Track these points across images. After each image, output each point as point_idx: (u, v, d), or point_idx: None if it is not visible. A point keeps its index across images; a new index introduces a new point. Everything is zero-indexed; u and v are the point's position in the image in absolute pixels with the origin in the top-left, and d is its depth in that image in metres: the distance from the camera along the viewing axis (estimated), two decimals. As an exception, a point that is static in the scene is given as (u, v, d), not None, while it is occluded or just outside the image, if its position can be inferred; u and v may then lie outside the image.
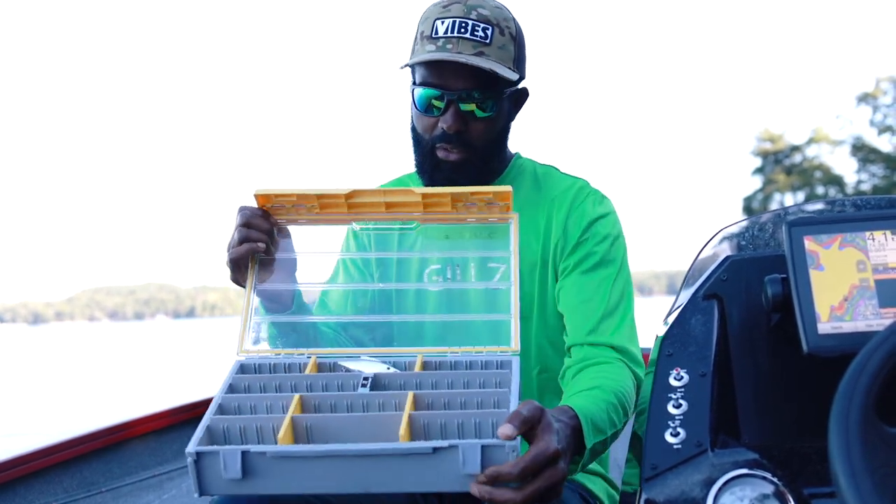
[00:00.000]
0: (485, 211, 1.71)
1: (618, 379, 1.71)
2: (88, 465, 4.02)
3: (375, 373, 1.52)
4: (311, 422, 1.37)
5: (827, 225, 1.45)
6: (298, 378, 1.53)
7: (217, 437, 1.39)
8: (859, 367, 1.11)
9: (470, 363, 1.58)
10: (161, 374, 25.13)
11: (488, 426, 1.37)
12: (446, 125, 1.86)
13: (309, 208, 1.71)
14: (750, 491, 1.31)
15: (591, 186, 2.01)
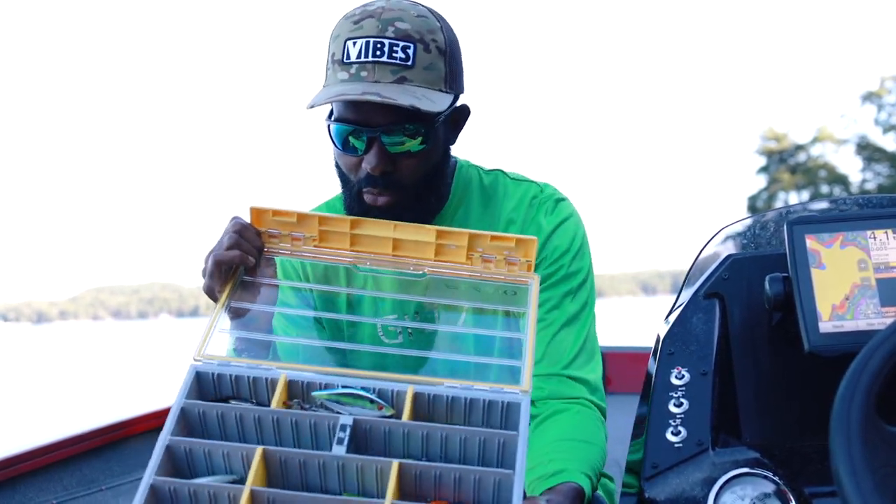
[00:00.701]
0: (503, 268, 1.48)
1: (593, 430, 1.62)
2: (88, 463, 4.02)
3: (355, 418, 1.26)
4: (275, 499, 1.16)
5: (828, 224, 1.45)
6: (263, 413, 1.27)
7: (162, 501, 1.19)
8: (860, 366, 1.11)
9: (470, 402, 1.30)
10: (164, 373, 25.15)
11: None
12: (370, 166, 1.60)
13: (307, 239, 1.52)
14: (751, 490, 1.31)
15: (542, 191, 1.81)
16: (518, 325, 1.56)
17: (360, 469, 1.20)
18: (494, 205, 1.79)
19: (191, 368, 1.34)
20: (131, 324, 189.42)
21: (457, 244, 1.49)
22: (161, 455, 1.22)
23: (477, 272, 1.49)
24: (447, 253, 1.50)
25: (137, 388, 19.61)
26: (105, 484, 3.95)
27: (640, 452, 1.46)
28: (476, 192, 1.81)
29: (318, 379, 1.32)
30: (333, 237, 1.53)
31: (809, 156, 43.58)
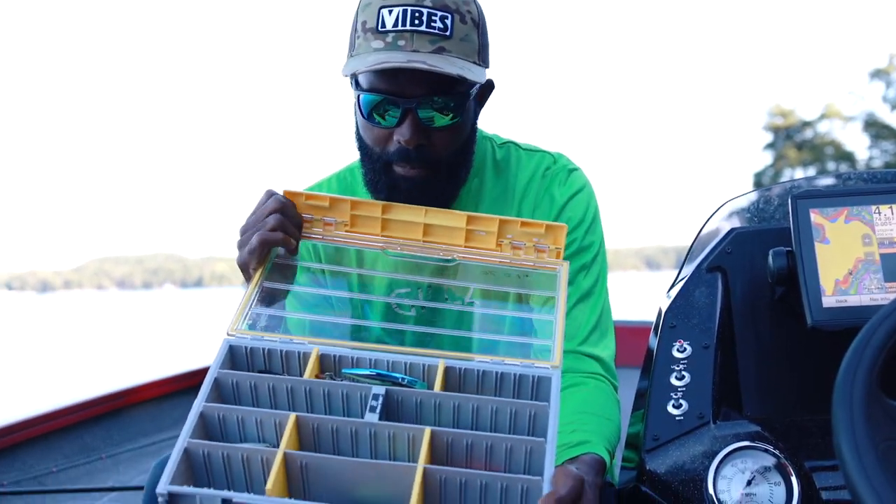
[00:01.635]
0: (532, 255, 1.48)
1: (611, 406, 1.61)
2: (89, 432, 4.04)
3: (388, 388, 1.26)
4: (307, 462, 1.15)
5: (833, 198, 1.44)
6: (296, 382, 1.28)
7: (197, 465, 1.19)
8: (864, 341, 1.10)
9: (501, 375, 1.31)
10: (167, 343, 25.22)
11: (516, 494, 1.14)
12: (404, 139, 1.55)
13: (338, 224, 1.53)
14: (751, 463, 1.30)
15: (554, 161, 1.79)
16: (528, 307, 1.54)
17: (392, 436, 1.20)
18: (507, 176, 1.78)
19: (224, 342, 1.34)
20: (135, 294, 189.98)
21: (486, 230, 1.50)
22: (195, 421, 1.22)
23: (506, 259, 1.49)
24: (477, 239, 1.51)
25: (140, 357, 19.69)
26: (105, 452, 3.97)
27: (641, 426, 1.46)
28: (490, 163, 1.79)
29: (350, 354, 1.33)
30: (364, 222, 1.53)
31: (816, 132, 43.44)
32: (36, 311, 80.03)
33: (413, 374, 1.32)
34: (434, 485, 1.14)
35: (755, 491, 1.29)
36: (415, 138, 1.55)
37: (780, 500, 1.28)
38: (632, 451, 1.50)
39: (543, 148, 1.82)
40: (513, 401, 1.25)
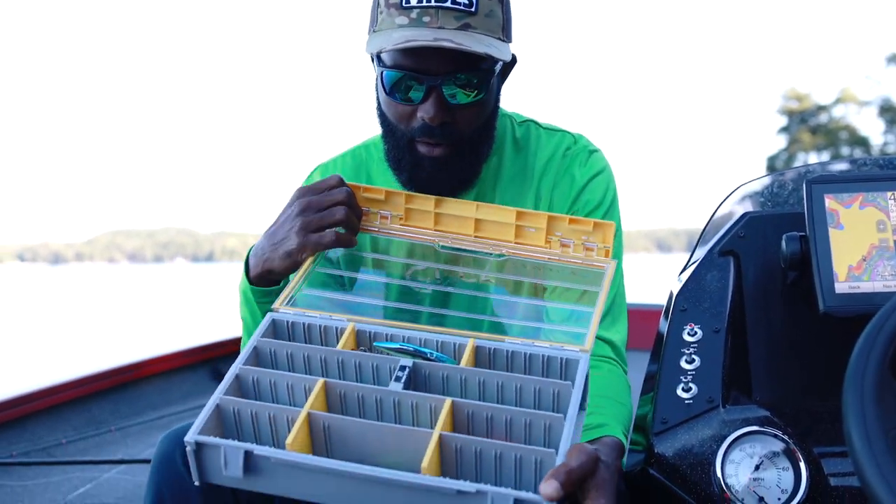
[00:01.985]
0: (580, 253, 1.51)
1: (625, 392, 1.61)
2: (97, 404, 4.07)
3: (415, 361, 1.31)
4: (329, 423, 1.20)
5: (848, 184, 1.43)
6: (329, 353, 1.34)
7: (227, 420, 1.26)
8: (877, 327, 1.10)
9: (530, 356, 1.33)
10: (177, 317, 25.31)
11: (531, 465, 1.15)
12: (428, 116, 1.55)
13: (393, 217, 1.58)
14: (760, 448, 1.30)
15: (575, 141, 1.79)
16: (567, 300, 1.56)
17: (415, 406, 1.24)
18: (526, 155, 1.77)
19: (268, 316, 1.41)
20: (146, 267, 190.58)
21: (535, 227, 1.52)
22: (230, 381, 1.29)
23: (555, 255, 1.52)
24: (526, 236, 1.54)
25: (150, 331, 19.76)
26: (114, 425, 4.00)
27: (650, 409, 1.46)
28: (509, 141, 1.78)
29: (384, 330, 1.38)
30: (418, 216, 1.58)
31: (831, 117, 43.23)
32: (47, 282, 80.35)
33: (444, 352, 1.35)
34: (450, 451, 1.16)
35: (763, 476, 1.29)
36: (439, 115, 1.55)
37: (787, 485, 1.27)
38: (640, 433, 1.50)
39: (564, 128, 1.81)
40: (536, 378, 1.27)
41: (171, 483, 1.49)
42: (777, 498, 1.27)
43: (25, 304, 39.37)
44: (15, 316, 30.25)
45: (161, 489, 1.50)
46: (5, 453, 3.47)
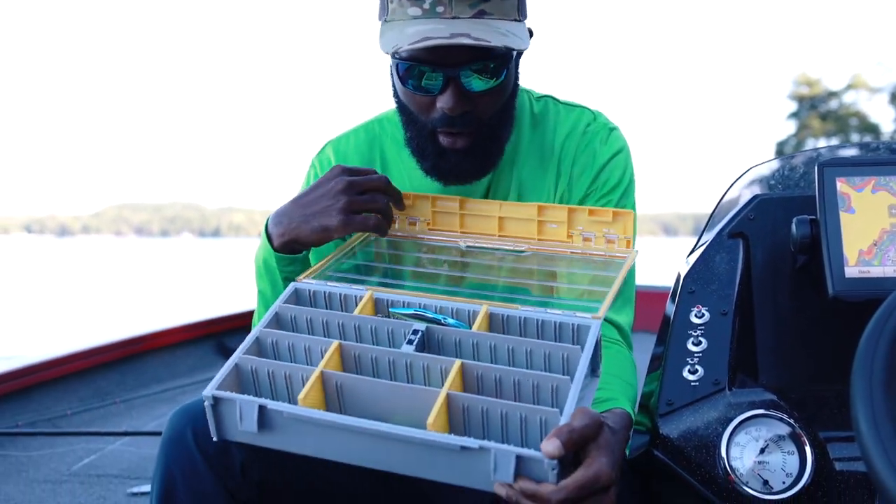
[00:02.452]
0: (602, 246, 1.54)
1: (632, 373, 1.61)
2: (104, 376, 4.09)
3: (428, 326, 1.35)
4: (342, 381, 1.25)
5: (860, 167, 1.42)
6: (347, 318, 1.38)
7: (244, 378, 1.31)
8: (886, 313, 1.09)
9: (542, 323, 1.36)
10: (183, 291, 25.34)
11: (536, 424, 1.18)
12: (447, 107, 1.52)
13: (421, 222, 1.63)
14: (765, 431, 1.30)
15: (595, 118, 1.76)
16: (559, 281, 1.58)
17: (426, 367, 1.28)
18: (545, 131, 1.75)
19: (291, 285, 1.48)
20: (153, 241, 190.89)
21: (557, 221, 1.57)
22: (251, 342, 1.34)
23: (577, 249, 1.55)
24: (548, 232, 1.58)
25: (156, 305, 19.79)
26: (119, 397, 4.02)
27: (655, 391, 1.45)
28: (527, 117, 1.76)
29: (401, 298, 1.43)
30: (444, 219, 1.64)
31: (842, 103, 43.08)
32: (54, 254, 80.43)
33: (459, 319, 1.39)
34: (457, 410, 1.20)
35: (768, 459, 1.28)
36: (459, 106, 1.52)
37: (793, 469, 1.27)
38: (645, 415, 1.50)
39: (583, 104, 1.79)
40: (547, 343, 1.30)
41: (180, 459, 1.49)
42: (782, 481, 1.27)
43: (32, 275, 39.43)
44: (21, 287, 30.30)
45: (170, 466, 1.50)
46: (11, 423, 3.49)
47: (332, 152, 1.82)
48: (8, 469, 3.06)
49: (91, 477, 2.95)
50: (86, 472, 3.02)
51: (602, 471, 1.15)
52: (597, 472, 1.14)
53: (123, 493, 2.75)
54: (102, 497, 2.71)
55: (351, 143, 1.82)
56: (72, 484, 2.87)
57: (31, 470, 3.05)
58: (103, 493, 2.75)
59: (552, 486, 1.11)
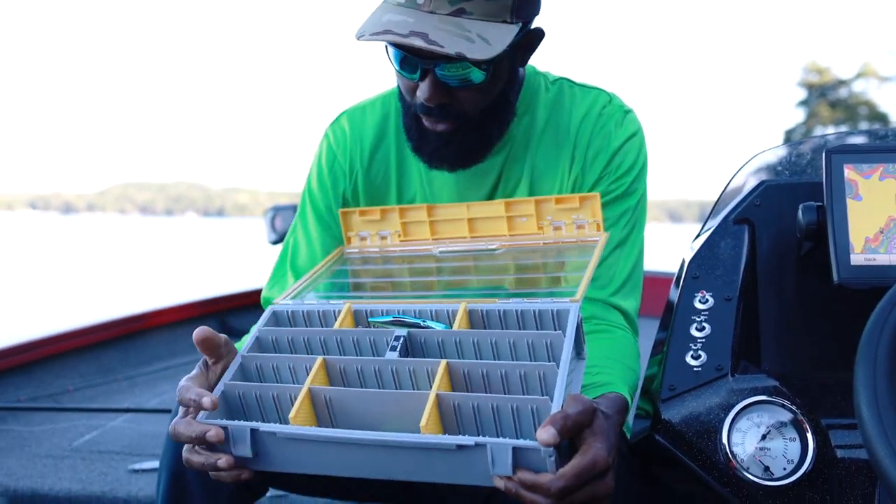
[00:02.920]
0: (573, 232, 1.54)
1: (634, 357, 1.60)
2: (105, 353, 4.10)
3: (410, 331, 1.33)
4: (331, 395, 1.23)
5: (869, 154, 1.41)
6: (328, 333, 1.37)
7: (233, 404, 1.29)
8: (891, 301, 1.09)
9: (522, 313, 1.35)
10: (187, 270, 25.40)
11: (528, 415, 1.17)
12: (424, 97, 1.51)
13: (392, 234, 1.63)
14: (767, 418, 1.30)
15: (610, 101, 1.74)
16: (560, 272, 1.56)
17: (413, 372, 1.27)
18: (560, 114, 1.73)
19: (269, 309, 1.47)
20: (157, 220, 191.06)
21: (525, 214, 1.57)
22: (234, 370, 1.32)
23: (550, 239, 1.55)
24: (519, 227, 1.59)
25: (159, 282, 19.83)
26: (121, 374, 4.03)
27: (657, 376, 1.45)
28: (542, 101, 1.74)
29: (379, 307, 1.42)
30: (415, 228, 1.65)
31: (851, 91, 42.94)
32: (58, 231, 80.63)
33: (438, 320, 1.37)
34: (448, 409, 1.19)
35: (770, 445, 1.28)
36: (434, 98, 1.51)
37: (794, 455, 1.27)
38: (647, 400, 1.49)
39: (598, 86, 1.78)
40: (529, 332, 1.29)
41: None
42: (783, 468, 1.27)
43: (36, 252, 39.52)
44: (25, 263, 30.39)
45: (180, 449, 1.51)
46: (12, 398, 3.50)
47: (346, 122, 1.81)
48: (10, 443, 3.07)
49: (93, 453, 2.96)
50: (87, 448, 3.02)
51: (599, 456, 1.14)
52: (593, 458, 1.13)
53: (125, 470, 2.75)
54: (104, 473, 2.72)
55: (367, 114, 1.80)
56: (73, 459, 2.88)
57: (33, 445, 3.06)
58: (105, 470, 2.76)
59: (550, 475, 1.10)
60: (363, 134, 1.78)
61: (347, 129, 1.79)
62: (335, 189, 1.77)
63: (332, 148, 1.79)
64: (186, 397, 1.24)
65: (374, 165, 1.76)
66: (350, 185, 1.76)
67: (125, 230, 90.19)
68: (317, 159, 1.82)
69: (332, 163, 1.78)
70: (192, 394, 1.23)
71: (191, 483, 1.50)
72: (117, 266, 28.93)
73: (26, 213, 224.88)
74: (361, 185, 1.76)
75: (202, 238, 66.46)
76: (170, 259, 34.01)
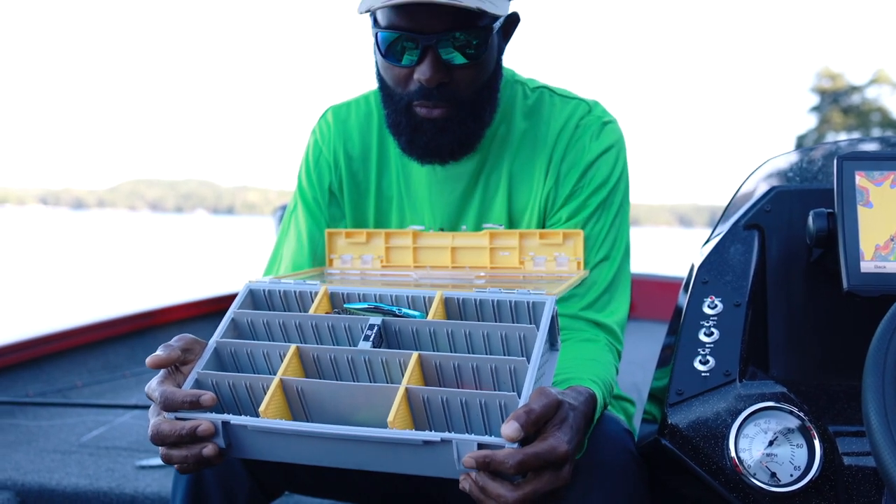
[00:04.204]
0: (554, 269, 1.57)
1: (603, 355, 1.57)
2: (113, 349, 4.11)
3: (384, 319, 1.33)
4: (302, 387, 1.24)
5: (880, 161, 1.41)
6: (303, 319, 1.36)
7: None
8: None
9: (498, 303, 1.36)
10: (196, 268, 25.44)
11: (496, 410, 1.18)
12: (424, 78, 1.51)
13: (374, 260, 1.65)
14: (775, 424, 1.30)
15: (589, 111, 1.72)
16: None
17: (386, 363, 1.27)
18: (538, 123, 1.72)
19: (245, 286, 1.45)
20: (167, 217, 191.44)
21: (509, 247, 1.60)
22: (209, 355, 1.32)
23: (531, 274, 1.57)
24: (501, 260, 1.61)
25: (168, 280, 19.88)
26: (129, 370, 4.03)
27: (665, 380, 1.45)
28: (519, 109, 1.73)
29: (356, 291, 1.41)
30: (397, 254, 1.66)
31: (864, 98, 42.84)
32: (69, 227, 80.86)
33: (415, 307, 1.38)
34: (418, 403, 1.20)
35: (777, 452, 1.28)
36: (436, 77, 1.52)
37: (801, 462, 1.27)
38: (654, 405, 1.49)
39: (579, 95, 1.76)
40: (503, 325, 1.29)
41: None
42: (790, 474, 1.27)
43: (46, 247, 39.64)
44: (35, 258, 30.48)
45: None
46: (21, 393, 3.51)
47: (332, 118, 1.82)
48: (18, 438, 3.08)
49: (100, 449, 2.96)
50: (95, 443, 3.03)
51: (559, 444, 1.14)
52: (552, 445, 1.13)
53: (132, 466, 2.76)
54: (111, 469, 2.73)
55: (352, 112, 1.82)
56: (81, 455, 2.89)
57: (41, 440, 3.07)
58: (111, 466, 2.76)
59: (509, 450, 1.10)
60: (347, 129, 1.79)
61: (332, 124, 1.81)
62: (321, 182, 1.79)
63: (318, 143, 1.81)
64: (178, 400, 1.23)
65: (356, 160, 1.78)
66: (336, 178, 1.78)
67: (135, 227, 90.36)
68: (305, 154, 1.84)
69: (318, 157, 1.80)
70: (185, 396, 1.23)
71: (209, 486, 1.52)
72: (127, 263, 29.00)
73: (37, 209, 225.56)
74: (345, 178, 1.77)
75: (211, 236, 66.58)
76: (179, 256, 34.07)
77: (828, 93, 43.44)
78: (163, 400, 1.23)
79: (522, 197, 1.69)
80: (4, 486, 2.56)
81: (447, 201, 1.72)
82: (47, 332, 3.78)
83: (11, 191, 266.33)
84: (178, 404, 1.23)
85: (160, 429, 1.22)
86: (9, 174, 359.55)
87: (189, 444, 1.22)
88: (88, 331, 3.98)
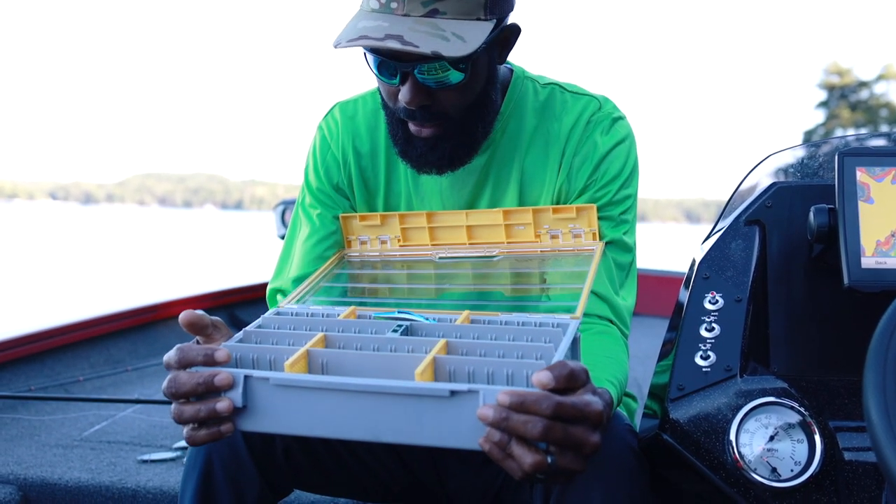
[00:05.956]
0: (570, 241, 1.58)
1: (617, 351, 1.56)
2: (116, 344, 4.12)
3: (412, 321, 1.34)
4: (328, 358, 1.23)
5: (882, 157, 1.40)
6: (331, 322, 1.37)
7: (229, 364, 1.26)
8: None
9: (522, 323, 1.36)
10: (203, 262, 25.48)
11: (522, 377, 1.16)
12: (405, 100, 1.51)
13: (392, 240, 1.66)
14: (775, 419, 1.29)
15: (600, 107, 1.72)
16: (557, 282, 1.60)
17: (410, 349, 1.27)
18: (550, 120, 1.72)
19: (271, 311, 1.47)
20: (176, 211, 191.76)
21: (524, 223, 1.62)
22: (238, 338, 1.33)
23: (546, 247, 1.59)
24: (516, 234, 1.63)
25: (175, 274, 19.91)
26: (131, 365, 4.04)
27: (666, 375, 1.44)
28: (530, 106, 1.73)
29: (383, 314, 1.42)
30: (414, 234, 1.69)
31: (872, 93, 42.73)
32: (78, 221, 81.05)
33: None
34: (444, 373, 1.19)
35: (777, 447, 1.28)
36: (416, 100, 1.51)
37: (801, 457, 1.26)
38: (655, 400, 1.49)
39: (590, 91, 1.76)
40: (526, 344, 1.25)
41: (220, 446, 1.52)
42: (790, 469, 1.26)
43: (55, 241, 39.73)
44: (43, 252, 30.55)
45: (210, 452, 1.52)
46: (23, 387, 3.51)
47: (339, 114, 1.81)
48: (20, 432, 3.08)
49: (102, 443, 2.96)
50: (97, 437, 3.03)
51: (594, 404, 1.10)
52: (588, 400, 1.10)
53: (134, 460, 2.76)
54: (113, 463, 2.73)
55: (359, 108, 1.81)
56: (83, 449, 2.89)
57: (43, 434, 3.07)
58: (114, 460, 2.76)
59: (543, 393, 1.07)
60: (355, 126, 1.79)
61: (340, 121, 1.80)
62: (329, 180, 1.78)
63: (326, 139, 1.80)
64: (192, 354, 1.21)
65: (364, 157, 1.77)
66: (345, 175, 1.77)
67: (144, 221, 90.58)
68: (312, 150, 1.83)
69: (326, 154, 1.79)
70: (201, 349, 1.22)
71: (219, 482, 1.52)
72: (136, 257, 29.06)
73: (46, 203, 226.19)
74: (355, 175, 1.77)
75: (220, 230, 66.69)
76: (188, 251, 34.13)
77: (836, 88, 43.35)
78: (179, 356, 1.21)
79: (534, 192, 1.70)
80: (7, 480, 2.57)
81: (457, 197, 1.72)
82: (50, 327, 3.79)
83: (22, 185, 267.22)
84: (192, 356, 1.21)
85: (178, 377, 1.19)
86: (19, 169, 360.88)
87: (204, 396, 1.19)
88: (91, 325, 3.98)
